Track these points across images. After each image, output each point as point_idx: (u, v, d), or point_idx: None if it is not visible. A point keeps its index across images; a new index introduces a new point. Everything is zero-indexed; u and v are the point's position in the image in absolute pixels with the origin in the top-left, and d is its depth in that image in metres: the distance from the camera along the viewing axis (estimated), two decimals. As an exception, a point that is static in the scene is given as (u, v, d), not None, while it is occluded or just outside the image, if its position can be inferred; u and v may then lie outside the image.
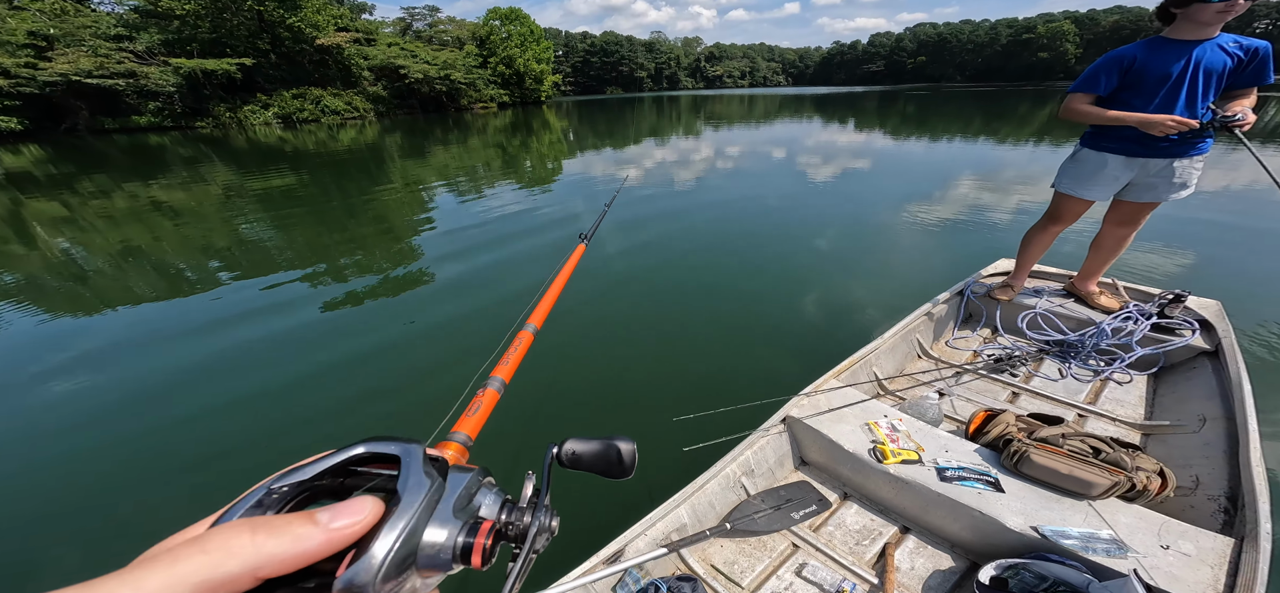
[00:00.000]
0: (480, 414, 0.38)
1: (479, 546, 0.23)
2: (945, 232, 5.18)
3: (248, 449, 2.29)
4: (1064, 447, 1.41)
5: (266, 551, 0.17)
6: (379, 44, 36.76)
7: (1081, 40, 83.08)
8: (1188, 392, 1.80)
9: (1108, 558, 1.13)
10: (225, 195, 8.42)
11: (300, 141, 18.49)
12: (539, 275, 4.18)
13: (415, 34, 47.17)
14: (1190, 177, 1.90)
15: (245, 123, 28.37)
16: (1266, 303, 3.14)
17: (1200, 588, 1.06)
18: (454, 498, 0.24)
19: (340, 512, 0.20)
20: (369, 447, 0.24)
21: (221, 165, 12.38)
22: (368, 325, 3.54)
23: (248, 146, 17.38)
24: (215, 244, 5.60)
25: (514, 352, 0.51)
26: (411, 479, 0.22)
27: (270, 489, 0.22)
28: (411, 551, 0.21)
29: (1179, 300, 2.04)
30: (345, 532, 0.19)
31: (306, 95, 31.18)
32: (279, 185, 9.17)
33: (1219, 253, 4.09)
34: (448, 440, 0.33)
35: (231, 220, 6.64)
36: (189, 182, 10.00)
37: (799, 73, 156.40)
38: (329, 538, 0.19)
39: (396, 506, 0.21)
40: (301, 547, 0.18)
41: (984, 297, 2.44)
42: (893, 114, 24.23)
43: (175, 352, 3.19)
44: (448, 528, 0.23)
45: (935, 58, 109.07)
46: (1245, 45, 1.73)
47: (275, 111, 29.66)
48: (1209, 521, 1.29)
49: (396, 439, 0.24)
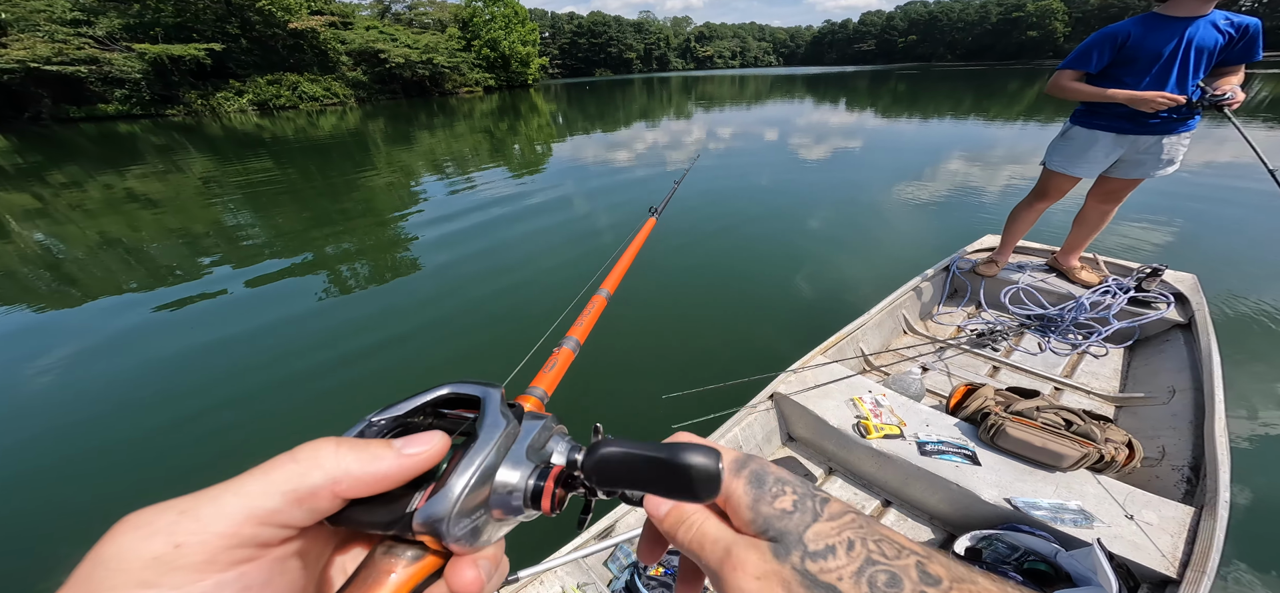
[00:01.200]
0: (556, 371, 0.39)
1: (548, 489, 0.23)
2: (934, 209, 5.22)
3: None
4: (1038, 420, 1.44)
5: (344, 465, 0.19)
6: (356, 28, 35.48)
7: (1070, 19, 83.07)
8: (1160, 364, 1.85)
9: (1075, 528, 1.17)
10: (245, 180, 8.17)
11: (279, 128, 17.94)
12: (596, 250, 4.39)
13: (394, 17, 45.53)
14: (1177, 153, 1.92)
15: (219, 110, 27.39)
16: (1241, 275, 3.22)
17: (1159, 556, 1.10)
18: (528, 441, 0.24)
19: (411, 440, 0.21)
20: (453, 388, 0.25)
21: (210, 153, 11.97)
22: (430, 297, 3.64)
23: (224, 134, 16.82)
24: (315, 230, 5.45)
25: (588, 314, 0.52)
26: (488, 419, 0.23)
27: (370, 421, 0.24)
28: (486, 488, 0.22)
29: (1156, 274, 2.08)
30: (415, 459, 0.21)
31: (282, 81, 30.06)
32: (281, 173, 8.90)
33: (1196, 226, 4.19)
34: (526, 394, 0.34)
35: (269, 203, 6.46)
36: (169, 170, 9.67)
37: (790, 52, 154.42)
38: (400, 462, 0.20)
39: (473, 444, 0.22)
40: (375, 467, 0.20)
41: (969, 272, 2.47)
42: (884, 94, 24.12)
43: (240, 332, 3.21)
44: (520, 470, 0.23)
45: (926, 37, 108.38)
46: (1237, 22, 1.73)
47: (250, 98, 28.62)
48: (1172, 490, 1.33)
49: (477, 382, 0.26)
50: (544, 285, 3.81)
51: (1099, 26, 2.56)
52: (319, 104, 30.70)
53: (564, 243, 4.79)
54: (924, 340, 2.21)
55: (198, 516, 0.16)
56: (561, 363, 0.41)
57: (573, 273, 4.02)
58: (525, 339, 0.83)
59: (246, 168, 9.67)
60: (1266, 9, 74.60)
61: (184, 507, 0.16)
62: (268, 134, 16.18)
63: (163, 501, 0.16)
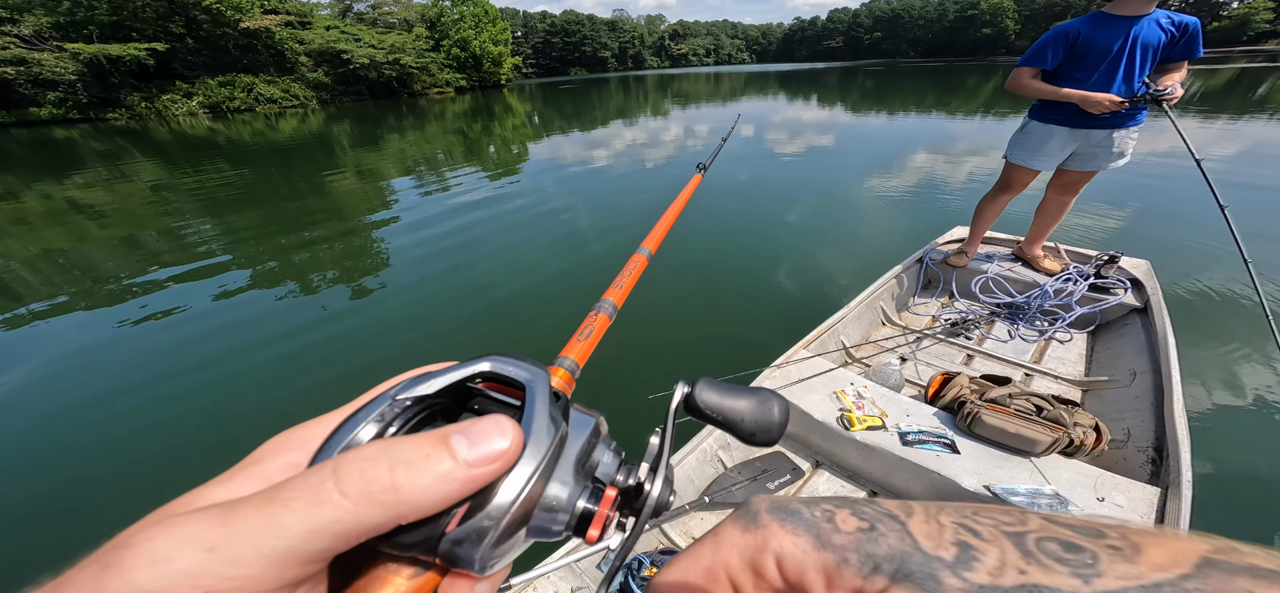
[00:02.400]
0: (591, 340, 0.34)
1: (601, 516, 0.19)
2: (905, 201, 5.38)
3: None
4: (1011, 406, 1.48)
5: (408, 497, 0.14)
6: (315, 27, 34.02)
7: (1020, 17, 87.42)
8: (1121, 348, 1.94)
9: (1049, 512, 1.21)
10: (198, 185, 7.66)
11: (235, 132, 17.01)
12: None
13: (356, 17, 43.90)
14: (1127, 146, 2.03)
15: (166, 113, 25.80)
16: (1186, 259, 3.43)
17: None
18: (577, 449, 0.20)
19: (478, 438, 0.16)
20: (495, 364, 0.20)
21: (160, 159, 11.22)
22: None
23: (173, 138, 15.84)
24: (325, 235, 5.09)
25: (627, 274, 0.46)
26: (537, 420, 0.18)
27: (394, 399, 0.19)
28: (530, 510, 0.18)
29: (1113, 261, 2.19)
30: (488, 470, 0.16)
31: (236, 83, 28.56)
32: (238, 177, 8.41)
33: (1144, 213, 4.45)
34: (555, 365, 0.29)
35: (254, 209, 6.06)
36: (115, 177, 9.01)
37: (762, 49, 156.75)
38: (468, 477, 0.15)
39: (521, 451, 0.17)
40: (442, 489, 0.15)
41: (941, 263, 2.55)
42: (853, 90, 24.79)
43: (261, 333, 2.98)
44: (567, 488, 0.19)
45: (890, 33, 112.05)
46: (1178, 21, 1.84)
47: (201, 100, 27.11)
48: (1138, 472, 1.38)
49: (524, 362, 0.20)
50: (538, 280, 3.74)
51: (1046, 24, 2.68)
52: (277, 106, 29.35)
53: (547, 239, 4.71)
54: (901, 331, 2.26)
55: (231, 556, 0.12)
56: (597, 329, 0.35)
57: (559, 273, 3.96)
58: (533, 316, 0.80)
59: (200, 174, 9.13)
60: (1193, 8, 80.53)
61: (212, 541, 0.13)
62: (222, 138, 15.33)
63: (177, 514, 0.13)
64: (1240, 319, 2.71)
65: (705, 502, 1.45)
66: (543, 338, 3.03)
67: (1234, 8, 67.39)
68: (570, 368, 0.29)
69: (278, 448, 0.17)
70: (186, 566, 0.12)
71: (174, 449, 2.26)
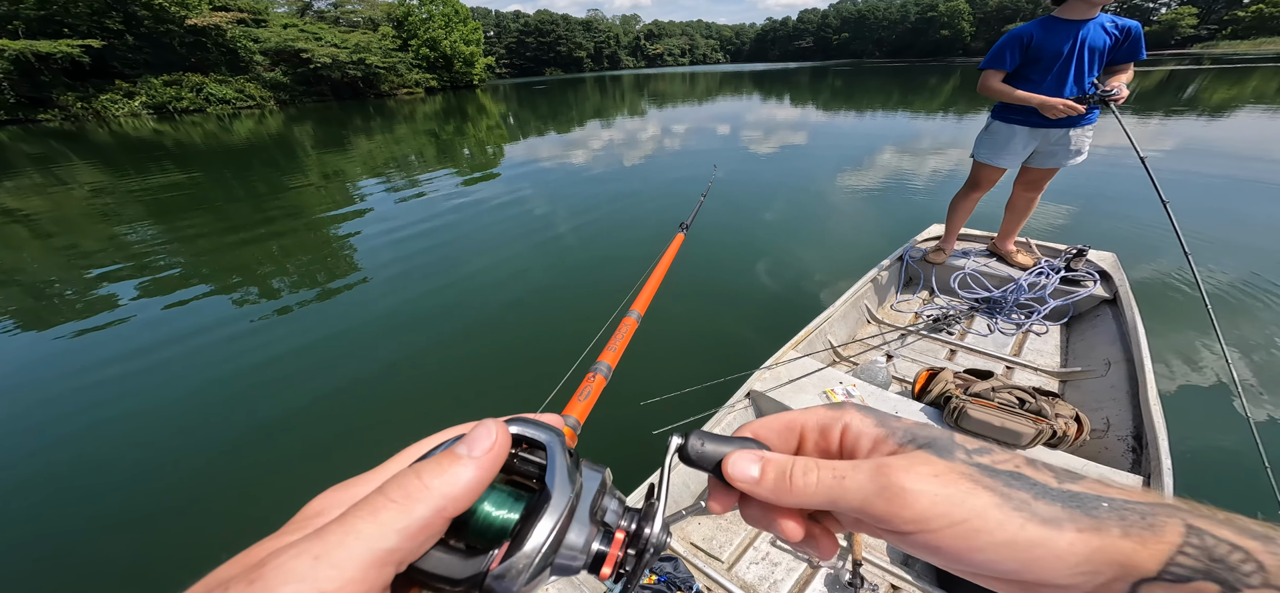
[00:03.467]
0: (589, 399, 0.38)
1: (612, 556, 0.23)
2: (880, 199, 5.53)
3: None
4: (995, 400, 1.52)
5: (441, 489, 0.19)
6: (272, 25, 32.27)
7: (975, 18, 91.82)
8: (1094, 338, 2.01)
9: None
10: (143, 188, 7.07)
11: (184, 134, 15.98)
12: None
13: (317, 15, 41.98)
14: (1083, 144, 2.14)
15: (106, 114, 23.99)
16: (1146, 249, 3.62)
17: None
18: (589, 499, 0.23)
19: (475, 441, 0.20)
20: (519, 428, 0.23)
21: (100, 162, 10.35)
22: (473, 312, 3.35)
23: (114, 141, 14.74)
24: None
25: (619, 338, 0.51)
26: (558, 475, 0.22)
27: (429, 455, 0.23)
28: (556, 552, 0.21)
29: (1082, 254, 2.29)
30: (488, 458, 0.20)
31: (183, 82, 26.79)
32: (189, 181, 7.85)
33: (1110, 207, 4.69)
34: (561, 422, 0.32)
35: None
36: (50, 183, 8.27)
37: (736, 49, 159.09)
38: (477, 467, 0.20)
39: (546, 500, 0.21)
40: (464, 480, 0.19)
41: (920, 261, 2.60)
42: (823, 89, 25.45)
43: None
44: (583, 532, 0.22)
45: (857, 34, 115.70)
46: (1120, 24, 1.94)
47: (144, 101, 25.29)
48: (1120, 461, 1.42)
49: (542, 425, 0.24)
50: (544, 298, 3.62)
51: (998, 26, 2.80)
52: (231, 107, 27.74)
53: (526, 245, 4.59)
54: (886, 329, 2.30)
55: (334, 562, 0.16)
56: (595, 390, 0.39)
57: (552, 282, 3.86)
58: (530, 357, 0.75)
59: (147, 178, 8.50)
60: (1126, 13, 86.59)
61: (318, 552, 0.16)
62: (170, 140, 14.38)
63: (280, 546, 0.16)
64: (1192, 306, 2.88)
65: (701, 506, 1.43)
66: (528, 348, 2.94)
67: (1162, 13, 72.74)
68: (573, 425, 0.33)
69: (333, 501, 0.21)
70: (305, 573, 0.15)
71: (125, 481, 2.07)
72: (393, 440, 0.23)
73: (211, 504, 1.97)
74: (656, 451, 1.05)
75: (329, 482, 0.21)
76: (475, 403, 2.47)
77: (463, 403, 2.50)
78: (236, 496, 2.01)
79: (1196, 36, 68.67)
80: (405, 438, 0.23)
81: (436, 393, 2.61)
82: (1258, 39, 57.29)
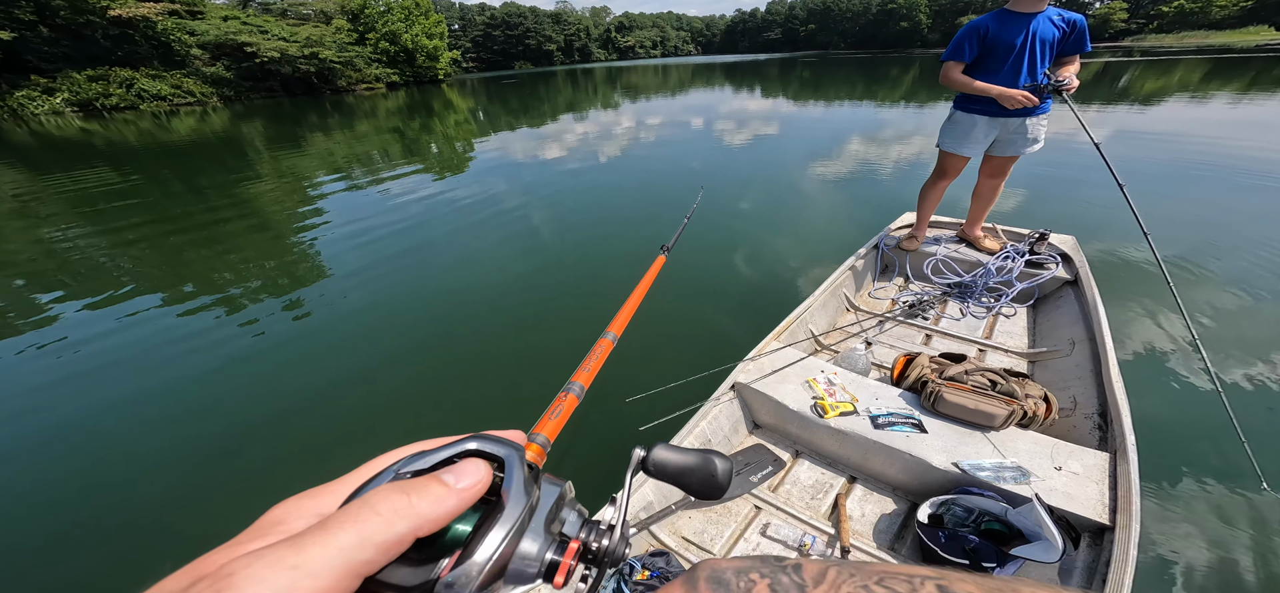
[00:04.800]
0: (560, 419, 0.39)
1: (565, 565, 0.24)
2: (850, 187, 5.67)
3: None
4: (968, 383, 1.56)
5: (420, 511, 0.19)
6: (210, 17, 30.00)
7: (931, 11, 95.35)
8: (1059, 319, 2.10)
9: (1015, 485, 1.26)
10: (79, 192, 6.40)
11: (115, 132, 14.73)
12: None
13: (263, 7, 39.35)
14: (1039, 132, 2.24)
15: (22, 112, 21.81)
16: (1105, 229, 3.81)
17: (1090, 503, 1.19)
18: (546, 511, 0.24)
19: (461, 473, 0.22)
20: (479, 444, 0.25)
21: (20, 164, 9.40)
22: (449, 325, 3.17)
23: (35, 141, 13.43)
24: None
25: (594, 359, 0.51)
26: (514, 487, 0.23)
27: (398, 473, 0.23)
28: (508, 559, 0.22)
29: (1043, 238, 2.39)
30: (468, 493, 0.21)
31: (110, 77, 24.55)
32: (128, 184, 7.20)
33: (1066, 192, 4.94)
34: (529, 441, 0.33)
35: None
36: None
37: (707, 41, 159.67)
38: (459, 499, 0.21)
39: (499, 511, 0.22)
40: (441, 507, 0.20)
41: (895, 249, 2.67)
42: (793, 81, 25.87)
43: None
44: (537, 542, 0.23)
45: (823, 26, 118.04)
46: (1067, 17, 2.04)
47: (67, 97, 23.04)
48: (1088, 438, 1.47)
49: (503, 441, 0.25)
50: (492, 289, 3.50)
51: (952, 18, 2.90)
52: (168, 104, 25.71)
53: (507, 249, 4.46)
54: (865, 316, 2.34)
55: (311, 570, 0.16)
56: (566, 410, 0.39)
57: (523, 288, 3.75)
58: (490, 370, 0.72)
59: (77, 180, 7.77)
60: (1063, 6, 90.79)
61: (293, 561, 0.16)
62: (100, 140, 13.22)
63: (253, 550, 0.16)
64: (1149, 282, 3.06)
65: (689, 501, 1.41)
66: (498, 361, 2.84)
67: (1096, 8, 77.39)
68: (542, 443, 0.34)
69: (294, 510, 0.20)
70: (282, 582, 0.15)
71: (59, 500, 1.88)
72: (351, 455, 0.24)
73: (149, 520, 1.83)
74: (649, 441, 1.01)
75: (277, 496, 0.21)
76: (437, 417, 2.37)
77: (424, 418, 2.38)
78: (180, 511, 1.88)
79: (1127, 30, 73.55)
80: (364, 452, 0.24)
81: (401, 406, 2.49)
82: (1180, 33, 61.89)
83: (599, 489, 1.31)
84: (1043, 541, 1.09)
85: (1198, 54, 31.59)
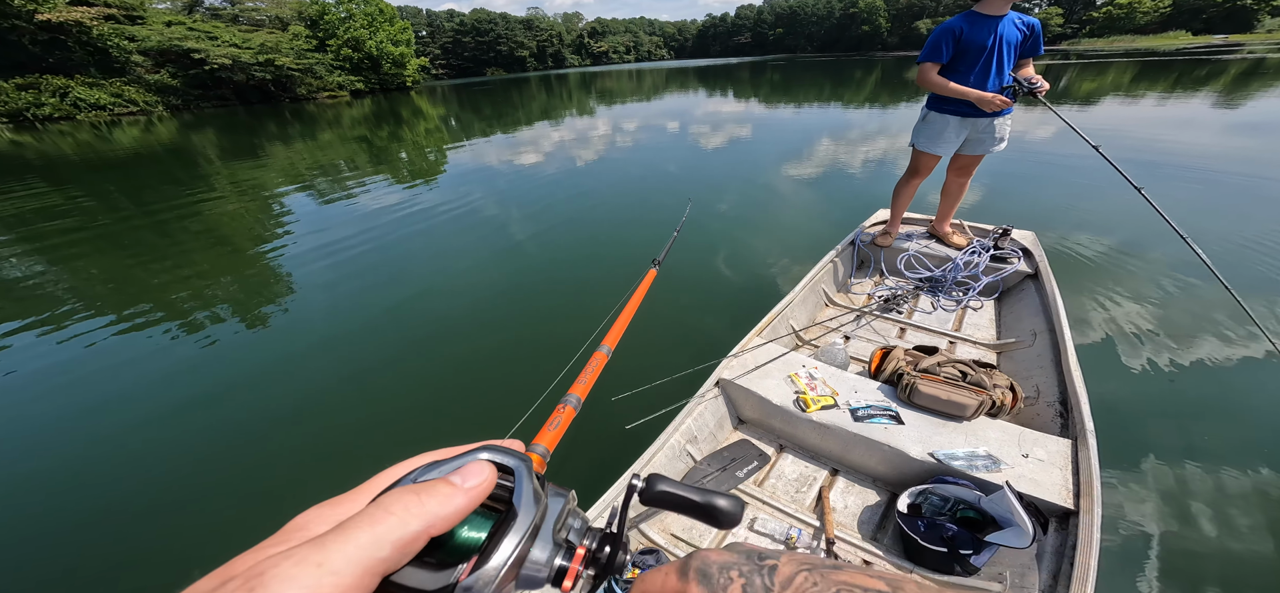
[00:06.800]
0: (559, 429, 0.39)
1: (573, 571, 0.25)
2: (824, 185, 5.82)
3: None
4: (941, 374, 1.61)
5: (431, 509, 0.21)
6: (151, 22, 28.30)
7: (889, 15, 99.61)
8: (1022, 311, 2.19)
9: (987, 473, 1.31)
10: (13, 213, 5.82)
11: (49, 145, 13.70)
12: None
13: (211, 12, 37.41)
14: (1005, 132, 2.36)
15: (-56, 125, 20.08)
16: (1065, 227, 4.00)
17: (1055, 488, 1.24)
18: (553, 519, 0.26)
19: (467, 474, 0.23)
20: (490, 455, 0.26)
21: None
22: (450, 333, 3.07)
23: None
24: None
25: (590, 372, 0.52)
26: (525, 496, 0.24)
27: (417, 481, 0.24)
28: (520, 566, 0.23)
29: (1006, 234, 2.50)
30: (475, 492, 0.22)
31: (41, 85, 23.03)
32: (70, 203, 6.63)
33: (1024, 190, 5.17)
34: (530, 451, 0.34)
35: None
36: None
37: (679, 45, 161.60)
38: (468, 498, 0.22)
39: (512, 519, 0.23)
40: (452, 506, 0.21)
41: (870, 245, 2.75)
42: (763, 84, 26.46)
43: None
44: (546, 548, 0.24)
45: (790, 29, 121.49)
46: (1025, 21, 2.15)
47: (-9, 107, 21.44)
48: (1051, 425, 1.53)
49: (512, 451, 0.26)
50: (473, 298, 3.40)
51: (909, 22, 3.02)
52: (107, 113, 24.13)
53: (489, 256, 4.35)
54: (843, 311, 2.40)
55: (334, 568, 0.17)
56: (564, 421, 0.40)
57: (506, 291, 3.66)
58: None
59: (9, 198, 7.15)
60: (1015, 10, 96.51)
61: (319, 559, 0.17)
62: (33, 152, 12.26)
63: (280, 550, 0.17)
64: (1100, 274, 3.22)
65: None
66: (491, 373, 2.76)
67: (1035, 12, 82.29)
68: (542, 453, 0.35)
69: (317, 517, 0.22)
70: (309, 580, 0.16)
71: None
72: (354, 472, 0.24)
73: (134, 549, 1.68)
74: (630, 444, 1.01)
75: (263, 525, 0.22)
76: (434, 430, 2.30)
77: (422, 431, 2.31)
78: (164, 538, 1.73)
79: (1064, 34, 78.57)
80: (358, 467, 0.24)
81: (400, 418, 2.41)
82: (1109, 37, 66.45)
83: (585, 487, 1.30)
84: (1014, 527, 1.13)
85: (1126, 57, 34.00)
